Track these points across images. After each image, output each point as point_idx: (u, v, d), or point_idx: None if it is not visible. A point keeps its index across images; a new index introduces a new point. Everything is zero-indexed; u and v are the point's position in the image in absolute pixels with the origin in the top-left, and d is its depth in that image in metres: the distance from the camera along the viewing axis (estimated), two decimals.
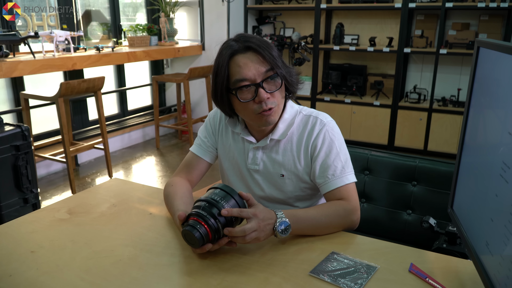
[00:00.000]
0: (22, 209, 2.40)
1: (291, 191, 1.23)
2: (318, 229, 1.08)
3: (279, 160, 1.22)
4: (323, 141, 1.18)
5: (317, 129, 1.19)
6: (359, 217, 1.15)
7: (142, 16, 4.80)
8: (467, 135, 0.90)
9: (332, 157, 1.17)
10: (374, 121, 4.23)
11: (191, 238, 0.94)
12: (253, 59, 1.10)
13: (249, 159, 1.25)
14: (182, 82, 4.16)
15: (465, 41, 3.86)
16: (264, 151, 1.24)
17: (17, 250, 1.00)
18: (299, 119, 1.22)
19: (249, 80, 1.09)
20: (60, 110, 2.91)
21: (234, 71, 1.10)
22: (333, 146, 1.18)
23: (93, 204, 1.26)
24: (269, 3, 4.71)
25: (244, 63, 1.09)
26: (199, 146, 1.32)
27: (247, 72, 1.09)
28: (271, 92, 1.11)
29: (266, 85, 1.10)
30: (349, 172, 1.18)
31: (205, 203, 0.96)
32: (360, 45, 4.36)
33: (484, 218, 0.76)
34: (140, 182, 2.72)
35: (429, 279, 0.88)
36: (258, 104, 1.11)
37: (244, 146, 1.26)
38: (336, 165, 1.16)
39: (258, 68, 1.09)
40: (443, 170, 1.47)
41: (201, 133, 1.34)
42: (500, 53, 0.73)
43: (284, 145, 1.22)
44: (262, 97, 1.09)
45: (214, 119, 1.33)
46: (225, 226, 0.95)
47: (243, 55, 1.10)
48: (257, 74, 1.09)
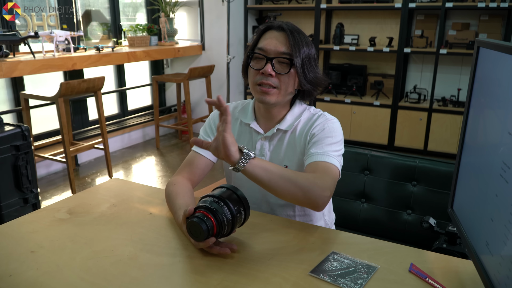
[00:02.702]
0: (22, 209, 2.40)
1: None
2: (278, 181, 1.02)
3: (284, 151, 1.26)
4: (323, 129, 1.20)
5: (319, 121, 1.23)
6: (326, 200, 1.06)
7: (142, 16, 4.80)
8: (467, 135, 0.90)
9: (325, 142, 1.16)
10: (374, 121, 4.23)
11: (196, 230, 0.93)
12: (279, 38, 1.17)
13: (256, 150, 1.28)
14: (182, 82, 4.16)
15: (465, 41, 3.86)
16: (271, 142, 1.27)
17: (17, 250, 1.00)
18: (306, 115, 1.27)
19: (265, 51, 1.17)
20: (60, 110, 2.91)
21: (261, 40, 1.20)
22: (329, 136, 1.18)
23: (93, 204, 1.26)
24: (269, 3, 4.71)
25: (270, 37, 1.18)
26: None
27: (267, 44, 1.17)
28: (278, 72, 1.16)
29: (277, 64, 1.17)
30: (335, 156, 1.15)
31: (212, 198, 0.96)
32: (360, 45, 4.36)
33: (484, 218, 0.76)
34: (140, 182, 2.72)
35: (429, 279, 0.88)
36: (260, 75, 1.17)
37: (252, 137, 1.29)
38: (324, 148, 1.15)
39: (277, 46, 1.16)
40: (443, 170, 1.48)
41: (203, 132, 1.35)
42: (500, 53, 0.73)
43: (289, 137, 1.26)
44: (266, 70, 1.15)
45: (217, 116, 1.33)
46: (232, 223, 0.96)
47: (275, 31, 1.19)
48: (274, 50, 1.16)
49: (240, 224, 1.01)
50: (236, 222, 0.97)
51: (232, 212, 0.96)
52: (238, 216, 0.97)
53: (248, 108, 1.32)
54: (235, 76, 4.65)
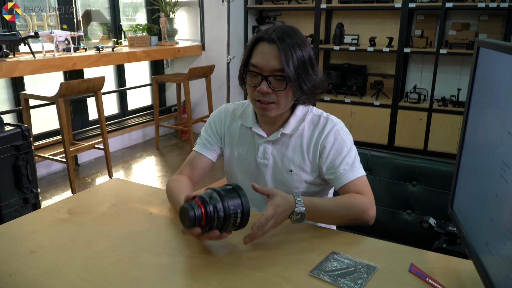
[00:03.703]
0: (22, 209, 2.40)
1: (298, 188, 1.26)
2: (332, 220, 1.11)
3: (288, 155, 1.25)
4: (334, 139, 1.22)
5: (328, 128, 1.23)
6: (375, 212, 1.15)
7: (142, 16, 4.80)
8: (467, 135, 0.90)
9: (343, 154, 1.20)
10: (374, 121, 4.23)
11: (185, 216, 0.93)
12: (271, 52, 1.12)
13: (259, 153, 1.27)
14: (182, 82, 4.16)
15: (465, 41, 3.86)
16: (274, 146, 1.26)
17: (17, 250, 1.00)
18: (310, 117, 1.26)
19: (259, 68, 1.14)
20: (60, 110, 2.91)
21: (253, 54, 1.16)
22: (344, 145, 1.21)
23: (93, 204, 1.26)
24: (269, 3, 4.71)
25: (262, 52, 1.14)
26: (203, 145, 1.33)
27: (259, 60, 1.13)
28: (274, 89, 1.14)
29: (273, 80, 1.14)
30: (358, 166, 1.21)
31: (213, 191, 0.95)
32: (360, 45, 4.36)
33: (484, 218, 0.76)
34: (140, 182, 2.72)
35: (429, 279, 0.88)
36: (257, 92, 1.15)
37: (254, 140, 1.29)
38: (348, 161, 1.20)
39: (270, 61, 1.12)
40: (443, 170, 1.47)
41: (204, 133, 1.36)
42: (500, 53, 0.73)
43: (295, 141, 1.25)
44: (262, 89, 1.13)
45: (219, 118, 1.35)
46: (224, 221, 0.93)
47: (267, 44, 1.14)
48: (268, 67, 1.13)
49: (235, 227, 0.97)
50: (228, 222, 0.94)
51: (226, 211, 0.93)
52: (232, 216, 0.94)
53: (248, 111, 1.30)
54: (235, 76, 4.64)
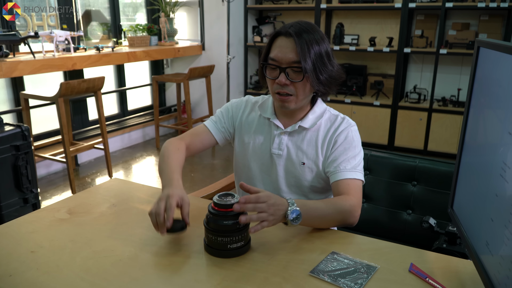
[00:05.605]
0: (22, 209, 2.40)
1: (308, 181, 1.28)
2: (323, 222, 1.11)
3: (303, 148, 1.28)
4: (346, 138, 1.25)
5: (343, 127, 1.27)
6: (359, 215, 1.17)
7: (142, 16, 4.80)
8: (467, 135, 0.90)
9: (349, 154, 1.24)
10: (374, 121, 4.23)
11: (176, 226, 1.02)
12: (288, 46, 1.17)
13: (274, 144, 1.30)
14: (182, 82, 4.16)
15: (465, 41, 3.86)
16: (290, 138, 1.30)
17: (17, 250, 1.00)
18: (327, 115, 1.30)
19: (277, 61, 1.18)
20: (60, 110, 2.91)
21: (272, 49, 1.21)
22: (352, 146, 1.25)
23: (93, 204, 1.26)
24: (269, 3, 4.71)
25: (280, 45, 1.19)
26: (214, 123, 1.38)
27: (277, 54, 1.18)
28: (292, 80, 1.18)
29: (291, 72, 1.18)
30: (359, 170, 1.23)
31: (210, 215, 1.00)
32: (360, 45, 4.36)
33: (484, 218, 0.76)
34: (140, 182, 2.72)
35: (429, 279, 0.88)
36: (276, 84, 1.20)
37: (271, 131, 1.32)
38: (350, 162, 1.23)
39: (287, 54, 1.17)
40: (443, 170, 1.48)
41: (219, 113, 1.40)
42: (500, 53, 0.73)
43: (310, 135, 1.28)
44: (280, 81, 1.18)
45: (239, 105, 1.40)
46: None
47: (284, 38, 1.19)
48: (285, 59, 1.17)
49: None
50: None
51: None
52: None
53: (268, 103, 1.35)
54: (235, 76, 4.65)
